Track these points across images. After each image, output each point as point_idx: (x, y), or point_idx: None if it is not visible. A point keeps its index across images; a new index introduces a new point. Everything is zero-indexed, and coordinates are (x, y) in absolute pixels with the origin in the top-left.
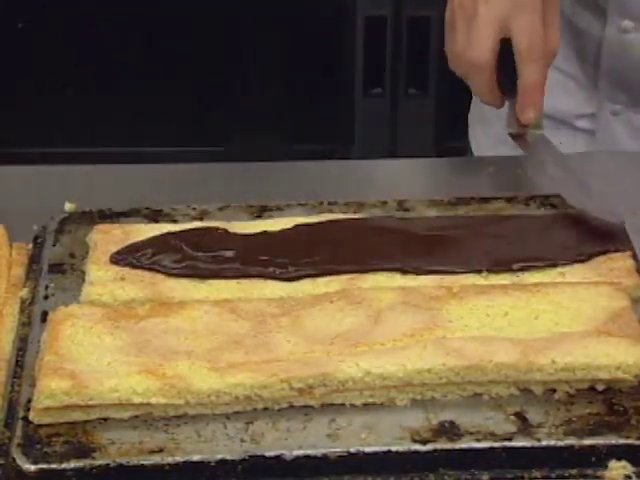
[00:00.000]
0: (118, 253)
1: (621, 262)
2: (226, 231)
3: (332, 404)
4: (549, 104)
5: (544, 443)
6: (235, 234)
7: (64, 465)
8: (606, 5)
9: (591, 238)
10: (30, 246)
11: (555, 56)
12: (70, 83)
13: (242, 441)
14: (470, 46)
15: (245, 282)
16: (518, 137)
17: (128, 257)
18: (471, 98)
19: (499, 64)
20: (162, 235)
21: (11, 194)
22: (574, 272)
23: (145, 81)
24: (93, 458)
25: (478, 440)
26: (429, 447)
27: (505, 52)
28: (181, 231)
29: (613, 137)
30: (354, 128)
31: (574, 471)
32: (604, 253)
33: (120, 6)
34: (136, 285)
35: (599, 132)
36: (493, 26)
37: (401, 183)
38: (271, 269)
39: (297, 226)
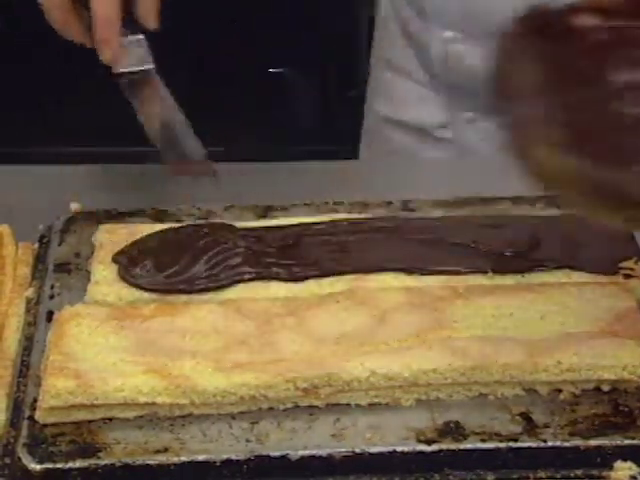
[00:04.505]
0: (119, 254)
1: (627, 262)
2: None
3: (337, 404)
4: (410, 115)
5: (549, 443)
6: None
7: (70, 465)
8: (426, 19)
9: (602, 244)
10: (36, 246)
11: None
12: (72, 83)
13: (247, 441)
14: None
15: (250, 282)
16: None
17: None
18: None
19: None
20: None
21: (17, 194)
22: (580, 272)
23: None
24: (98, 458)
25: (483, 440)
26: (434, 447)
27: None
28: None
29: (469, 145)
30: (358, 128)
31: (579, 472)
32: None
33: None
34: None
35: (456, 141)
36: None
37: (406, 183)
38: (275, 270)
39: (302, 226)
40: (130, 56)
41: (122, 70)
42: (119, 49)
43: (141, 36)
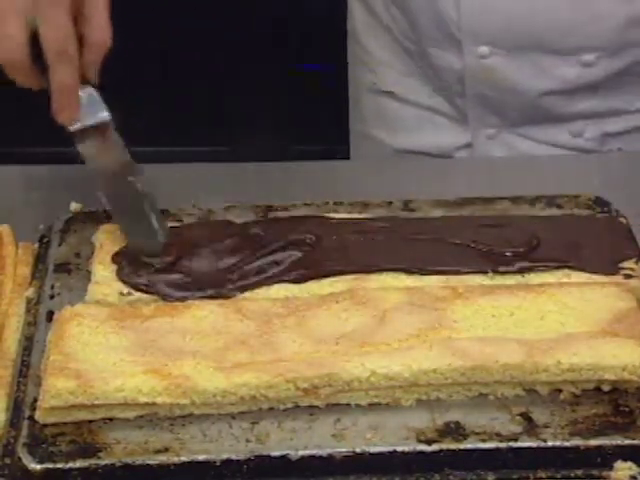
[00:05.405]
0: (119, 254)
1: (627, 262)
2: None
3: (337, 404)
4: (424, 142)
5: (550, 444)
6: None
7: (70, 465)
8: (460, 35)
9: (602, 244)
10: (36, 246)
11: (105, 48)
12: None
13: (247, 441)
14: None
15: None
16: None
17: None
18: None
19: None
20: None
21: (17, 194)
22: (580, 272)
23: (147, 81)
24: (99, 458)
25: (484, 440)
26: (434, 447)
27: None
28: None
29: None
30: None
31: (580, 472)
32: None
33: (120, 6)
34: None
35: (478, 158)
36: (19, 21)
37: (406, 183)
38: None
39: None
40: (84, 111)
41: (77, 128)
42: (77, 112)
43: (91, 89)
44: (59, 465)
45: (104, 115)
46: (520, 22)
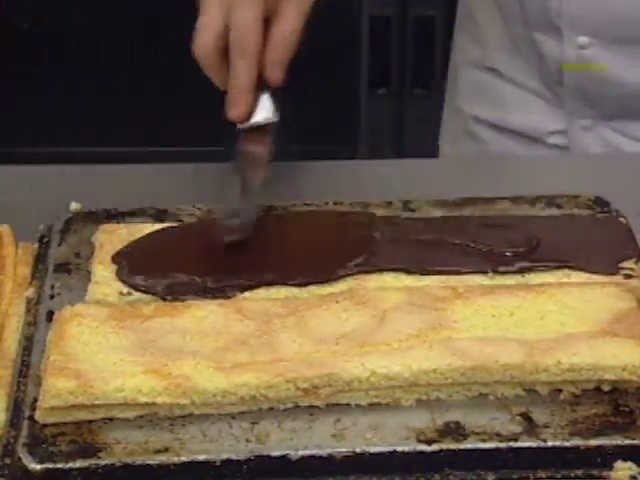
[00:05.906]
0: (119, 254)
1: (627, 262)
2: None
3: (337, 404)
4: (520, 122)
5: (550, 444)
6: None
7: (70, 465)
8: (561, 23)
9: (602, 244)
10: (36, 245)
11: (289, 49)
12: (73, 83)
13: (247, 441)
14: (197, 34)
15: None
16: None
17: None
18: None
19: None
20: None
21: (17, 193)
22: (580, 272)
23: (148, 81)
24: (99, 458)
25: (484, 440)
26: (434, 447)
27: None
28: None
29: (587, 152)
30: (359, 128)
31: (580, 472)
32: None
33: (121, 5)
34: None
35: (572, 148)
36: (219, 13)
37: (406, 183)
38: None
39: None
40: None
41: (242, 127)
42: (247, 111)
43: (266, 94)
44: (59, 465)
45: (269, 117)
46: (622, 14)
